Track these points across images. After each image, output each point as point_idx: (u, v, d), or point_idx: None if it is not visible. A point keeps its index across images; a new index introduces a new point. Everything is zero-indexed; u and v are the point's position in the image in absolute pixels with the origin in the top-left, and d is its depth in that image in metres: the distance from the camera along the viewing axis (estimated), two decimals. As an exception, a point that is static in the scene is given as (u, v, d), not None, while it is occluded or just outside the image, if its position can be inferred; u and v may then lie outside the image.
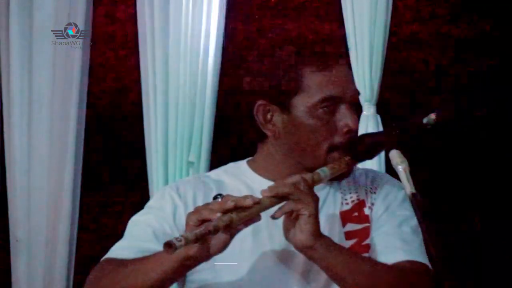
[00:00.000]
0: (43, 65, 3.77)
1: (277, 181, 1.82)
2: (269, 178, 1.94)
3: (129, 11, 3.82)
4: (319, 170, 1.86)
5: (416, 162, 1.93)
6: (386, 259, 1.88)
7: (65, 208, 3.71)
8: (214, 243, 1.75)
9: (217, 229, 1.70)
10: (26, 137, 3.76)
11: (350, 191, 1.99)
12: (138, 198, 3.77)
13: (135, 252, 1.88)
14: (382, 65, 3.52)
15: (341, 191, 1.99)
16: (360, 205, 1.98)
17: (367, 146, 1.93)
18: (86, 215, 3.83)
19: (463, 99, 3.65)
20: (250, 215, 1.75)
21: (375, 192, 1.99)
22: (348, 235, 1.94)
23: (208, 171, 3.59)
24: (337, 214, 1.95)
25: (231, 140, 3.78)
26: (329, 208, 1.95)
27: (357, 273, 1.81)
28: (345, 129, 1.90)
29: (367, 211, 1.97)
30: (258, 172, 1.98)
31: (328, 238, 1.81)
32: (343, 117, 1.90)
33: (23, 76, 3.77)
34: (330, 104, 1.90)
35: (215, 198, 1.79)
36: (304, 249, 1.79)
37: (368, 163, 3.24)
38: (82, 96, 3.78)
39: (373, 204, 1.97)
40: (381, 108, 3.58)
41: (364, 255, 1.90)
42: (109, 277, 1.87)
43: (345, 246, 1.89)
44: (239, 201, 1.73)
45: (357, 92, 1.97)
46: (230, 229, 1.73)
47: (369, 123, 3.50)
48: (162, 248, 1.68)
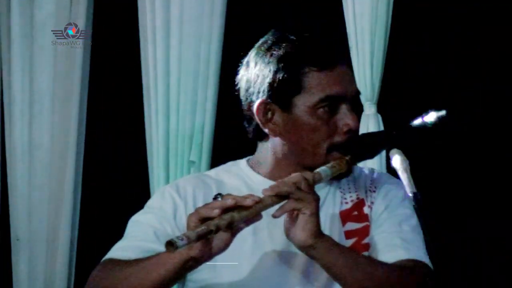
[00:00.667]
0: (44, 64, 3.78)
1: (278, 181, 1.82)
2: (269, 178, 1.95)
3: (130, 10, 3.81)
4: (319, 170, 1.86)
5: (417, 161, 1.93)
6: (386, 257, 1.88)
7: (66, 207, 3.71)
8: (215, 242, 1.75)
9: (218, 228, 1.70)
10: (27, 136, 3.76)
11: (350, 190, 1.99)
12: (139, 197, 3.76)
13: (137, 253, 1.88)
14: (383, 64, 3.52)
15: (341, 190, 1.99)
16: (359, 204, 1.99)
17: (368, 145, 1.93)
18: (87, 214, 3.83)
19: (464, 99, 3.64)
20: (251, 214, 1.75)
21: (374, 191, 2.00)
22: (348, 234, 1.94)
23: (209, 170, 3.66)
24: (337, 214, 1.96)
25: (232, 139, 3.77)
26: (329, 207, 1.96)
27: (358, 272, 1.81)
28: (345, 128, 1.90)
29: (366, 210, 1.98)
30: (258, 171, 1.99)
31: (328, 237, 1.81)
32: (344, 116, 1.90)
33: (24, 75, 3.78)
34: (331, 104, 1.90)
35: (215, 198, 1.80)
36: (304, 248, 1.79)
37: (369, 162, 3.24)
38: (83, 95, 3.78)
39: (372, 203, 1.98)
40: (382, 108, 3.58)
41: (364, 253, 1.90)
42: (110, 278, 1.87)
43: (345, 245, 1.89)
44: (239, 199, 1.74)
45: (357, 91, 1.97)
46: (231, 228, 1.73)
47: (370, 122, 3.50)
48: (163, 249, 1.68)
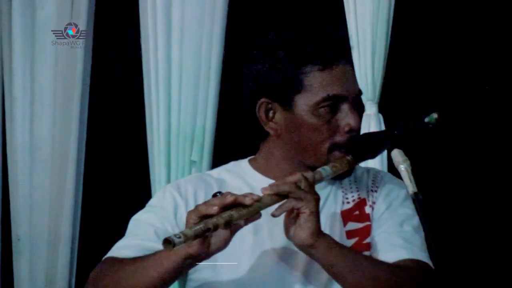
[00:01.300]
0: (45, 64, 3.77)
1: (278, 180, 1.82)
2: (270, 177, 1.94)
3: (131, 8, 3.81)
4: (320, 169, 1.86)
5: (418, 161, 1.92)
6: (387, 257, 1.88)
7: (67, 207, 3.71)
8: (214, 240, 1.75)
9: (216, 226, 1.70)
10: (28, 135, 3.76)
11: (351, 190, 1.99)
12: (141, 197, 3.76)
13: (137, 251, 1.88)
14: (384, 63, 3.52)
15: (343, 190, 1.99)
16: (361, 203, 1.98)
17: (369, 145, 1.93)
18: (88, 214, 3.83)
19: (464, 99, 3.65)
20: (250, 213, 1.75)
21: (376, 191, 1.99)
22: (349, 234, 1.94)
23: (210, 169, 3.65)
24: (338, 213, 1.95)
25: (233, 139, 3.77)
26: (330, 207, 1.96)
27: (358, 271, 1.81)
28: (346, 128, 1.89)
29: (368, 209, 1.97)
30: (260, 171, 1.98)
31: (329, 237, 1.81)
32: (345, 116, 1.90)
33: (25, 75, 3.78)
34: (332, 103, 1.89)
35: (214, 195, 1.80)
36: (304, 248, 1.79)
37: (370, 162, 3.24)
38: (85, 94, 3.78)
39: (374, 202, 1.98)
40: (384, 107, 3.58)
41: (365, 253, 1.90)
42: (110, 276, 1.87)
43: (346, 245, 1.89)
44: (238, 197, 1.74)
45: (359, 91, 1.96)
46: (230, 226, 1.73)
47: (371, 122, 3.50)
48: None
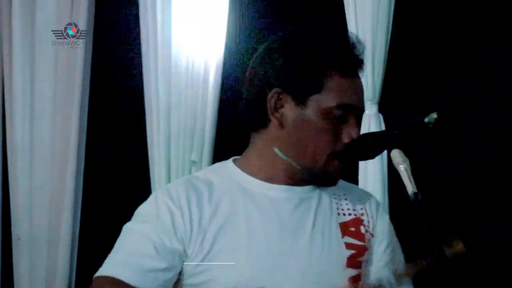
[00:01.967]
0: (45, 63, 3.79)
1: (267, 182, 1.85)
2: (261, 179, 1.91)
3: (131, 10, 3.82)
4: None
5: (417, 161, 1.93)
6: None
7: (67, 206, 3.72)
8: None
9: None
10: (28, 134, 3.77)
11: (346, 203, 1.98)
12: (141, 197, 3.77)
13: (137, 272, 1.80)
14: (384, 63, 3.52)
15: (335, 197, 1.98)
16: (357, 221, 1.97)
17: (369, 145, 1.93)
18: (88, 213, 3.83)
19: (465, 99, 3.65)
20: None
21: (367, 215, 1.99)
22: (347, 246, 1.93)
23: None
24: (335, 222, 1.94)
25: (233, 139, 3.77)
26: (326, 211, 1.94)
27: None
28: (346, 139, 1.88)
29: (363, 230, 1.96)
30: (248, 171, 1.93)
31: None
32: (350, 127, 1.88)
33: (25, 74, 3.79)
34: (344, 112, 1.88)
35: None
36: None
37: (370, 162, 3.23)
38: (85, 94, 3.78)
39: (368, 226, 1.97)
40: (383, 108, 3.58)
41: (357, 270, 1.90)
42: None
43: (345, 255, 1.90)
44: None
45: (364, 108, 1.98)
46: None
47: (371, 122, 3.50)
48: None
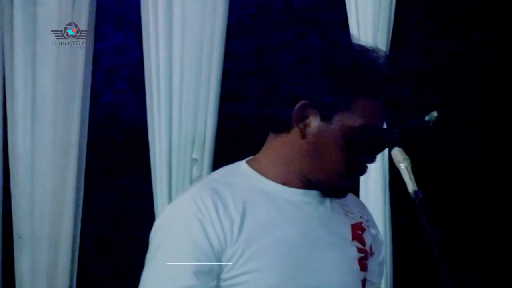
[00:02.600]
0: (46, 61, 3.78)
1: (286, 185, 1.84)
2: (277, 182, 1.87)
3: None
4: None
5: (418, 159, 1.93)
6: None
7: (68, 205, 3.73)
8: None
9: None
10: (29, 133, 3.77)
11: (348, 206, 1.97)
12: (142, 196, 3.79)
13: None
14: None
15: (340, 202, 1.96)
16: (360, 226, 1.96)
17: (370, 144, 1.93)
18: (89, 212, 3.85)
19: (466, 98, 3.66)
20: None
21: (366, 220, 1.98)
22: (357, 249, 1.92)
23: (211, 168, 3.65)
24: (348, 225, 1.93)
25: (234, 137, 3.80)
26: (339, 215, 1.93)
27: None
28: (364, 164, 1.87)
29: (365, 234, 1.95)
30: (264, 174, 1.88)
31: None
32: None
33: (26, 72, 3.79)
34: (366, 133, 1.85)
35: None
36: None
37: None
38: (86, 92, 3.79)
39: (367, 232, 1.97)
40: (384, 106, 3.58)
41: (364, 274, 1.91)
42: None
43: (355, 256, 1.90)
44: None
45: None
46: None
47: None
48: None
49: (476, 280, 3.68)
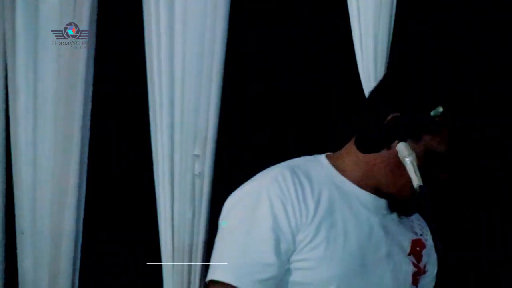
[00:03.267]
0: (48, 59, 3.79)
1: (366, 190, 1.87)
2: (355, 183, 1.90)
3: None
4: None
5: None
6: None
7: (70, 201, 3.73)
8: None
9: None
10: (31, 130, 3.77)
11: (414, 222, 2.00)
12: (144, 191, 3.79)
13: (257, 282, 1.78)
14: (386, 59, 3.53)
15: (407, 221, 1.99)
16: (420, 243, 1.98)
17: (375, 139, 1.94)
18: (91, 208, 3.85)
19: (467, 96, 3.66)
20: None
21: (426, 239, 2.00)
22: (412, 263, 1.95)
23: (213, 163, 3.66)
24: (409, 240, 1.96)
25: (236, 133, 3.83)
26: (406, 227, 1.96)
27: None
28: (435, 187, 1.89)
29: (423, 252, 1.98)
30: (343, 172, 1.91)
31: None
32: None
33: (28, 70, 3.78)
34: (446, 161, 1.88)
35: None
36: None
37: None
38: (88, 89, 3.79)
39: (425, 249, 1.99)
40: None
41: None
42: None
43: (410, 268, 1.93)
44: None
45: None
46: None
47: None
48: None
49: (475, 280, 3.70)
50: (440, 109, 1.83)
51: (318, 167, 1.89)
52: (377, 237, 1.87)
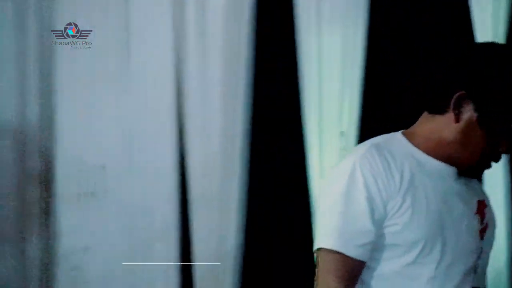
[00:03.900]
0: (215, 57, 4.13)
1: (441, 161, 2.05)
2: (429, 154, 2.06)
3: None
4: None
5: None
6: None
7: (235, 170, 4.11)
8: None
9: None
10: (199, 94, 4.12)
11: (477, 184, 2.18)
12: (296, 167, 4.14)
13: (361, 247, 1.99)
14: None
15: (472, 184, 2.14)
16: (484, 204, 2.15)
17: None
18: (254, 181, 4.13)
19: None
20: None
21: (487, 204, 2.17)
22: (479, 221, 2.12)
23: (357, 139, 4.02)
24: (476, 200, 2.12)
25: (380, 110, 4.09)
26: (474, 190, 2.13)
27: None
28: (502, 152, 2.06)
29: (485, 211, 2.14)
30: (418, 146, 2.08)
31: None
32: (506, 144, 2.06)
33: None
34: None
35: None
36: None
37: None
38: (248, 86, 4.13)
39: (487, 211, 2.15)
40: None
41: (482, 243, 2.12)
42: None
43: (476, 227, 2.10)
44: None
45: None
46: None
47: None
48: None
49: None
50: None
51: (396, 143, 2.07)
52: (451, 201, 2.05)
